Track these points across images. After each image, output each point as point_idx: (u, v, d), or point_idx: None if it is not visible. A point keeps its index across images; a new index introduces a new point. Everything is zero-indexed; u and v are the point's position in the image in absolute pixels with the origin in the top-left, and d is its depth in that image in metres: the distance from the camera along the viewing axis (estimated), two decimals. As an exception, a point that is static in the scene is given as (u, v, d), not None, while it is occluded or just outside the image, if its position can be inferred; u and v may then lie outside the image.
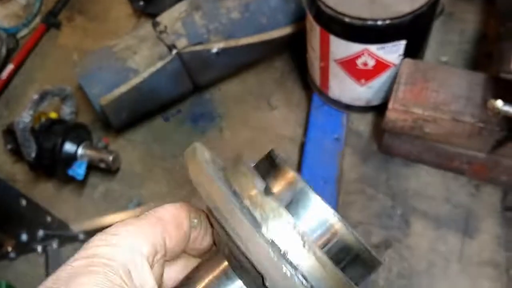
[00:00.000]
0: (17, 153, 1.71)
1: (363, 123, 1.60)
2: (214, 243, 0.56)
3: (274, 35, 1.64)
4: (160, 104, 1.77)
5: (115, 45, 1.69)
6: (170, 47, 1.63)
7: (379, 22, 1.29)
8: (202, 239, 0.56)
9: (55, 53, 2.08)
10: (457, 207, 1.47)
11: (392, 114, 1.37)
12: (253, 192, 0.45)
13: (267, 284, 0.41)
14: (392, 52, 1.37)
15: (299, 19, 1.69)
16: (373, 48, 1.35)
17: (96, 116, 1.77)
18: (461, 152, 1.42)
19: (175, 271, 0.57)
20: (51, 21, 2.13)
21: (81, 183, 1.72)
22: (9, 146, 1.70)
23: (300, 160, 1.59)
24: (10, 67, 1.96)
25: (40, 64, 2.05)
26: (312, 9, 1.38)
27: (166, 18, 1.69)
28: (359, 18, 1.29)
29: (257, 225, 0.43)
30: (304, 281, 0.41)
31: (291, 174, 0.46)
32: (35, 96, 1.58)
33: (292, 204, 0.45)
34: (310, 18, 1.41)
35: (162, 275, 0.54)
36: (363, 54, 1.37)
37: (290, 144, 1.68)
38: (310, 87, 1.70)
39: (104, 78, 1.64)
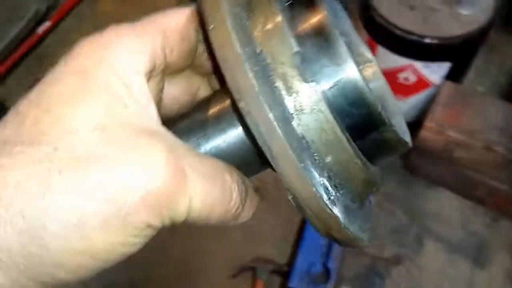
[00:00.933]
0: None
1: (391, 138, 1.60)
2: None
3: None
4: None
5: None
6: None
7: (429, 40, 1.29)
8: (208, 57, 0.49)
9: (92, 18, 2.08)
10: (471, 235, 1.47)
11: (426, 133, 1.37)
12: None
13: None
14: (436, 72, 1.37)
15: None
16: (419, 65, 1.35)
17: None
18: (486, 181, 1.42)
19: (176, 88, 0.51)
20: (93, -14, 2.13)
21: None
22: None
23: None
24: (47, 24, 1.96)
25: (76, 27, 2.05)
26: (364, 16, 1.38)
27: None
28: (410, 33, 1.29)
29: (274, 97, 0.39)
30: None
31: (323, 13, 0.42)
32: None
33: (314, 46, 0.41)
34: (359, 24, 1.41)
35: (161, 90, 0.48)
36: (406, 69, 1.37)
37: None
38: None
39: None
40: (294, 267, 1.39)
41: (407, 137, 0.46)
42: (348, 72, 0.40)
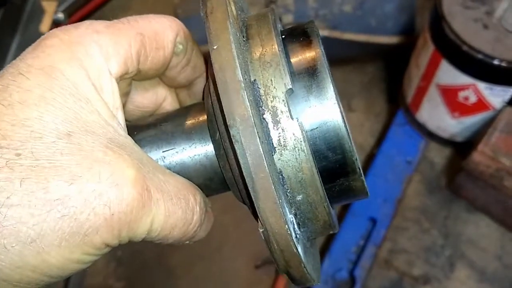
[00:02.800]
0: None
1: (439, 155, 1.56)
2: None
3: (381, 40, 1.60)
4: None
5: None
6: (275, 19, 1.61)
7: (497, 62, 1.24)
8: (182, 70, 0.47)
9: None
10: (507, 267, 1.42)
11: (478, 156, 1.32)
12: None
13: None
14: (498, 95, 1.32)
15: (406, 32, 1.65)
16: (482, 85, 1.30)
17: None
18: (531, 216, 1.37)
19: (142, 96, 0.49)
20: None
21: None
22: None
23: (365, 171, 1.56)
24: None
25: (140, -6, 2.06)
26: (433, 28, 1.34)
27: (280, -11, 1.67)
28: (479, 51, 1.25)
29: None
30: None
31: (317, 51, 0.43)
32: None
33: (305, 79, 0.42)
34: (426, 36, 1.37)
35: (127, 94, 0.46)
36: (468, 88, 1.32)
37: (359, 152, 1.65)
38: (395, 102, 1.66)
39: (203, 27, 1.62)
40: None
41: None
42: (333, 117, 0.41)
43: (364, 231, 1.44)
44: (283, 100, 0.40)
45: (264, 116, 0.40)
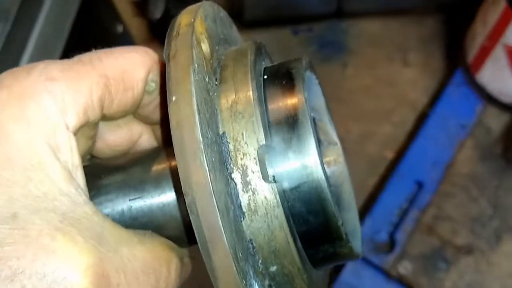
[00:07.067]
0: (141, 6, 1.66)
1: (497, 121, 1.47)
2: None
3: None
4: (298, 13, 1.66)
5: None
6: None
7: None
8: (155, 109, 0.42)
9: None
10: (556, 245, 1.35)
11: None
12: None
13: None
14: None
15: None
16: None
17: (230, 2, 1.68)
18: None
19: (114, 135, 0.44)
20: None
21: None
22: (137, -5, 1.66)
23: (415, 130, 1.48)
24: None
25: None
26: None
27: None
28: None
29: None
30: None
31: (299, 97, 0.37)
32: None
33: (283, 129, 0.36)
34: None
35: (92, 138, 0.41)
36: (540, 52, 1.22)
37: (410, 110, 1.57)
38: (455, 60, 1.56)
39: None
40: (359, 229, 1.33)
41: (357, 242, 0.42)
42: (314, 176, 0.36)
43: (409, 194, 1.38)
44: (254, 158, 0.35)
45: (233, 175, 0.35)
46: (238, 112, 0.36)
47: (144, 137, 0.46)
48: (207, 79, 0.36)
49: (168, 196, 0.40)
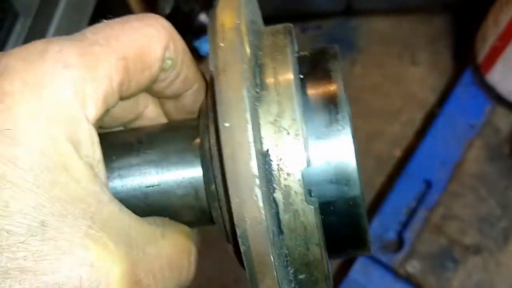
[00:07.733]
0: (150, 1, 1.66)
1: (506, 121, 1.47)
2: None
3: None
4: (307, 11, 1.66)
5: None
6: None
7: None
8: (170, 84, 0.41)
9: None
10: None
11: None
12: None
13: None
14: None
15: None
16: None
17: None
18: None
19: (121, 107, 0.41)
20: None
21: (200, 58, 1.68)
22: (147, -9, 1.65)
23: (424, 129, 1.48)
24: None
25: None
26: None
27: None
28: None
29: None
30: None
31: (339, 90, 0.36)
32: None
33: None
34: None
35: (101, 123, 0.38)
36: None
37: (418, 108, 1.57)
38: (463, 60, 1.55)
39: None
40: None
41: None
42: (351, 194, 0.35)
43: (417, 193, 1.38)
44: (299, 180, 0.34)
45: (275, 195, 0.34)
46: (283, 128, 0.34)
47: (149, 108, 0.45)
48: (253, 92, 0.34)
49: (185, 182, 0.39)
